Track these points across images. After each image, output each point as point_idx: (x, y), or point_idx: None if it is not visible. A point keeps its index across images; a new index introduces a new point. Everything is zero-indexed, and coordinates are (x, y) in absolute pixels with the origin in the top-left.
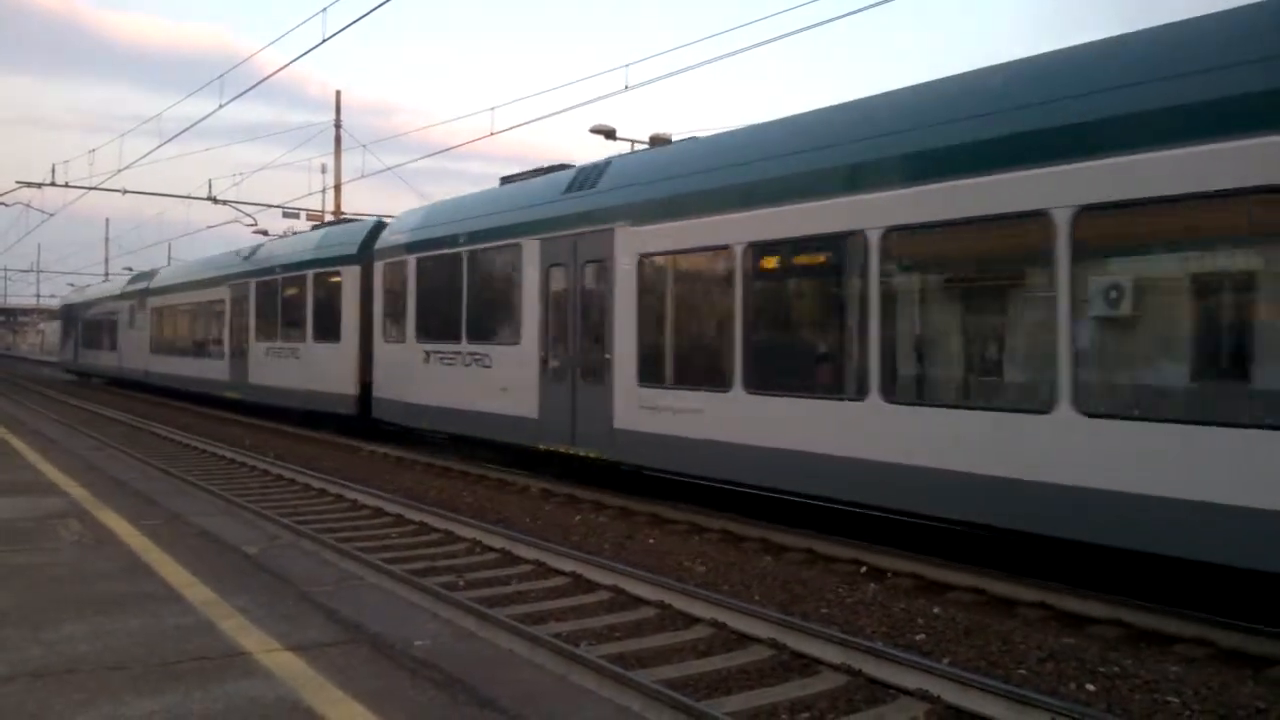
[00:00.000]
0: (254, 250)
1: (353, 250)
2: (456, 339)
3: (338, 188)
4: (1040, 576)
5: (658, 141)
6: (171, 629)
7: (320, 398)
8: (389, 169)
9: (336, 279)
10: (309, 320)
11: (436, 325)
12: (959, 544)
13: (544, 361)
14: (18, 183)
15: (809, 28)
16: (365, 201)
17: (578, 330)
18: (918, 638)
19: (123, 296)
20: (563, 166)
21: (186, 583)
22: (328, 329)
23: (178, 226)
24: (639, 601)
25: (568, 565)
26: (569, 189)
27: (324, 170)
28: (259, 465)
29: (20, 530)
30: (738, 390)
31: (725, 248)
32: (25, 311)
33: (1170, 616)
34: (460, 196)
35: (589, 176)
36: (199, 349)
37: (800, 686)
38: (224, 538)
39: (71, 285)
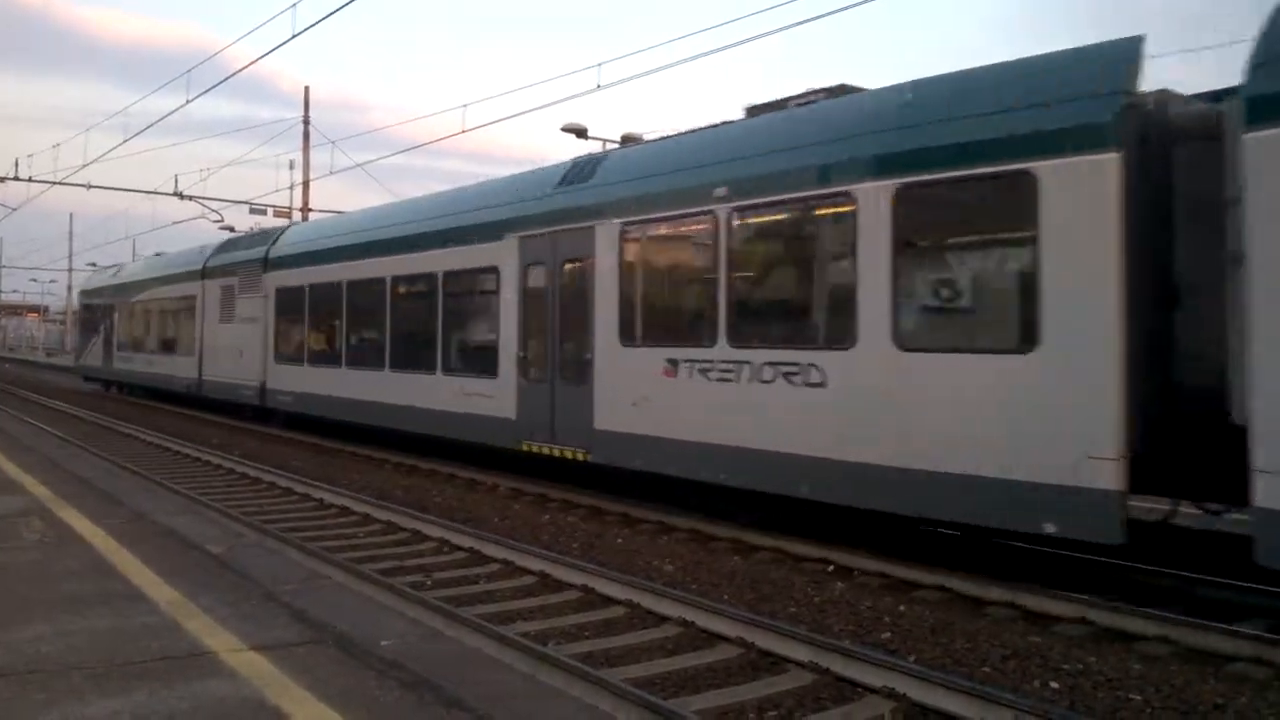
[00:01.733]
0: (593, 164)
1: (1104, 111)
2: None
3: (306, 184)
4: (1007, 577)
5: (629, 141)
6: (136, 628)
7: (923, 486)
8: (358, 165)
9: (1023, 189)
10: (871, 301)
11: None
12: (926, 544)
13: None
14: None
15: (783, 29)
16: (333, 198)
17: None
18: (884, 636)
19: (207, 273)
20: None
21: (151, 582)
22: (974, 317)
23: (143, 222)
24: (608, 601)
25: (536, 564)
26: None
27: (292, 166)
28: (224, 464)
29: None
30: None
31: None
32: None
33: (1134, 615)
34: None
35: None
36: (409, 355)
37: (768, 685)
38: (189, 537)
39: (35, 280)
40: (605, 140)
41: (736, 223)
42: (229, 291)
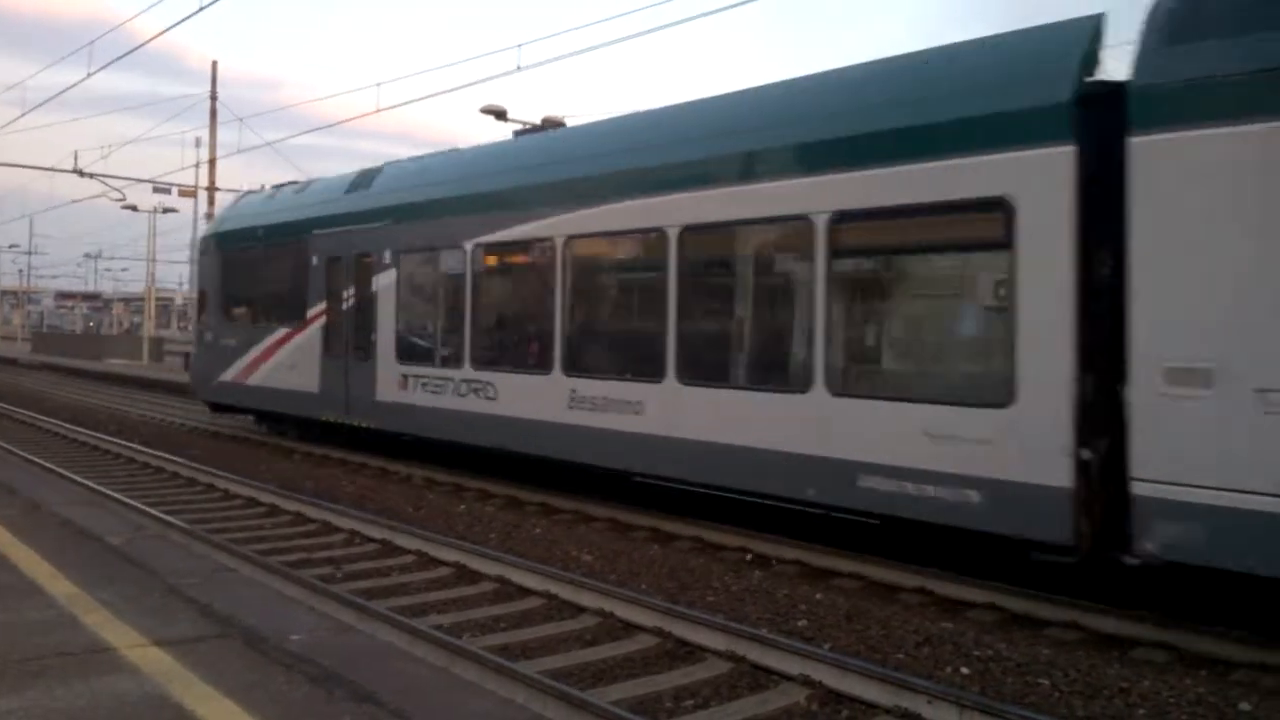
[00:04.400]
0: None
1: None
2: None
3: (212, 162)
4: (920, 563)
5: (550, 124)
6: (31, 624)
7: None
8: (267, 144)
9: None
10: None
11: None
12: (843, 532)
13: None
14: None
15: (708, 14)
16: (241, 177)
17: None
18: (800, 624)
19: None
20: None
21: (47, 575)
22: None
23: (40, 200)
24: (525, 592)
25: (451, 556)
26: None
27: (198, 144)
28: (124, 452)
29: None
30: None
31: None
32: None
33: (1043, 602)
34: None
35: None
36: None
37: (685, 674)
38: (88, 528)
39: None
40: (525, 123)
41: None
42: None
